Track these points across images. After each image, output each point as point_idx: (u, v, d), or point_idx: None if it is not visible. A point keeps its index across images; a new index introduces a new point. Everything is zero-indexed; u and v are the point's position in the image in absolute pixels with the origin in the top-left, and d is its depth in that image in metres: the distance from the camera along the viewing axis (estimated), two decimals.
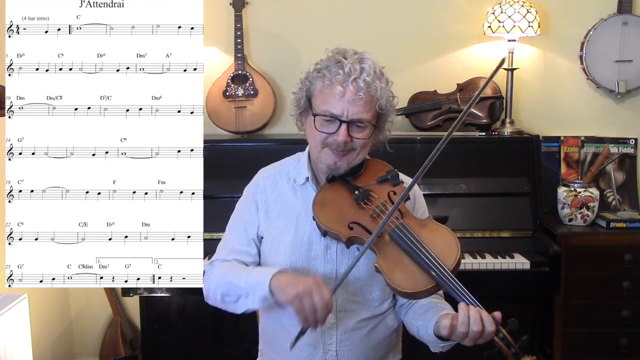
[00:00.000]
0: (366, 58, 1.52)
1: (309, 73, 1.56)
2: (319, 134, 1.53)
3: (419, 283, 1.41)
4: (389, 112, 1.57)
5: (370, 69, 1.49)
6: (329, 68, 1.50)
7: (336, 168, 1.56)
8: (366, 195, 1.55)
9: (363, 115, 1.50)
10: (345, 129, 1.50)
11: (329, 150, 1.54)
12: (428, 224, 1.52)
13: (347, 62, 1.49)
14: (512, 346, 1.35)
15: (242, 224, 1.65)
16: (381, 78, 1.52)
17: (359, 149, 1.54)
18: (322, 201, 1.56)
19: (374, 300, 1.61)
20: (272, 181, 1.67)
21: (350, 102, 1.48)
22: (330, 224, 1.52)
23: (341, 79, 1.48)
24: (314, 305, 1.36)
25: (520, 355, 1.34)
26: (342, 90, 1.48)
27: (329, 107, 1.50)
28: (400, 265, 1.44)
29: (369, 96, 1.50)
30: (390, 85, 1.57)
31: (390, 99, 1.56)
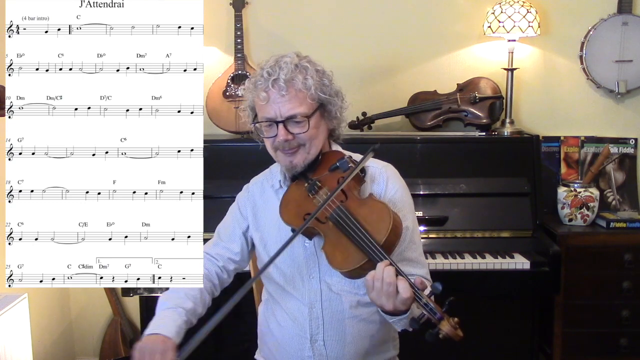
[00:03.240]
0: (283, 57, 1.57)
1: (244, 90, 1.63)
2: (267, 139, 1.60)
3: (353, 260, 1.45)
4: (328, 100, 1.59)
5: (288, 66, 1.53)
6: (254, 79, 1.57)
7: (293, 167, 1.60)
8: (314, 186, 1.59)
9: (294, 110, 1.54)
10: (283, 128, 1.55)
11: (281, 152, 1.60)
12: (367, 202, 1.54)
13: (265, 68, 1.55)
14: (437, 312, 1.34)
15: (230, 223, 1.75)
16: (305, 71, 1.55)
17: (307, 143, 1.58)
18: (286, 200, 1.63)
19: (357, 288, 1.62)
20: (260, 187, 1.75)
21: (276, 102, 1.54)
22: (290, 220, 1.58)
23: (263, 85, 1.54)
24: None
25: (446, 318, 1.33)
26: (266, 95, 1.54)
27: (264, 113, 1.56)
28: (339, 247, 1.49)
29: (294, 91, 1.53)
30: (330, 74, 1.61)
31: (324, 88, 1.58)
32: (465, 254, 2.53)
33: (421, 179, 2.64)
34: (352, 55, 2.98)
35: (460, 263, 2.47)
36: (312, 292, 1.62)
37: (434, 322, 1.34)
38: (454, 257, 2.51)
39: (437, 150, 2.75)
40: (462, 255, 2.52)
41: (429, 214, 2.61)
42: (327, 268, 1.58)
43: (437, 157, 2.73)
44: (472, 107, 2.91)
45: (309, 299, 1.62)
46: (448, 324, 1.33)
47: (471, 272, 2.46)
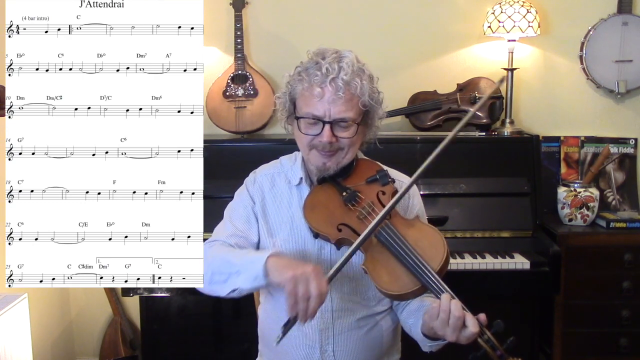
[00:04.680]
0: (344, 56, 1.52)
1: (290, 77, 1.56)
2: (305, 136, 1.54)
3: (405, 285, 1.41)
4: (375, 108, 1.57)
5: (349, 67, 1.49)
6: (308, 70, 1.51)
7: (325, 169, 1.56)
8: (354, 196, 1.54)
9: (345, 114, 1.50)
10: (329, 130, 1.50)
11: (316, 151, 1.55)
12: (415, 224, 1.52)
13: (324, 63, 1.49)
14: (498, 348, 1.34)
15: (243, 210, 1.65)
16: (362, 75, 1.51)
17: (346, 148, 1.54)
18: (312, 203, 1.57)
19: (370, 299, 1.61)
20: (270, 180, 1.67)
21: (330, 102, 1.48)
22: (319, 225, 1.53)
23: (319, 80, 1.48)
24: (308, 291, 1.33)
25: (506, 357, 1.34)
26: (321, 91, 1.48)
27: (310, 109, 1.51)
28: (386, 267, 1.44)
29: (349, 94, 1.49)
30: (377, 81, 1.57)
31: (374, 95, 1.55)
32: (465, 254, 2.53)
33: (421, 179, 2.62)
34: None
35: (460, 263, 2.47)
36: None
37: (492, 359, 1.34)
38: (454, 257, 2.51)
39: None
40: (462, 255, 2.52)
41: (429, 214, 2.58)
42: (339, 277, 1.52)
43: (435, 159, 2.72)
44: (472, 107, 2.91)
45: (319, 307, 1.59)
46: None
47: (471, 272, 2.46)
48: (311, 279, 1.33)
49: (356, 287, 1.60)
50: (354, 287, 1.60)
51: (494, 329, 1.37)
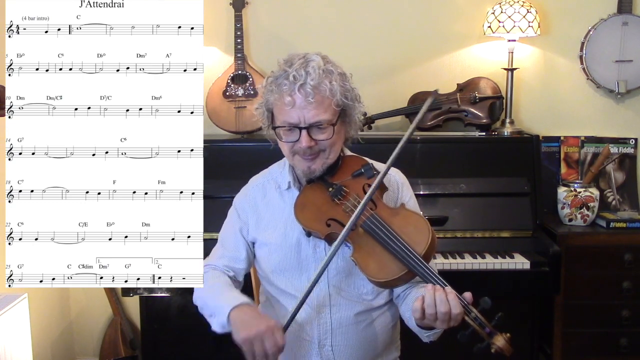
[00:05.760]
0: (310, 60, 1.52)
1: (263, 87, 1.58)
2: (286, 144, 1.56)
3: (391, 271, 1.44)
4: (350, 105, 1.57)
5: (315, 72, 1.49)
6: (277, 80, 1.52)
7: (311, 172, 1.58)
8: (340, 191, 1.57)
9: (319, 117, 1.51)
10: (307, 135, 1.51)
11: (299, 157, 1.57)
12: (400, 212, 1.54)
13: (291, 71, 1.50)
14: (486, 325, 1.35)
15: (232, 230, 1.71)
16: (330, 76, 1.51)
17: (327, 149, 1.56)
18: (302, 203, 1.60)
19: (366, 294, 1.63)
20: (261, 189, 1.71)
21: (302, 108, 1.50)
22: (309, 223, 1.56)
23: (288, 89, 1.49)
24: (264, 350, 1.40)
25: (494, 333, 1.35)
26: (291, 99, 1.50)
27: (285, 117, 1.53)
28: (373, 256, 1.47)
29: (320, 97, 1.50)
30: (350, 78, 1.57)
31: (347, 93, 1.55)
32: (465, 254, 2.53)
33: (421, 179, 2.64)
34: (352, 55, 2.98)
35: (460, 263, 2.47)
36: (320, 296, 1.61)
37: (482, 337, 1.35)
38: (454, 257, 2.51)
39: (437, 150, 2.75)
40: (462, 255, 2.52)
41: (429, 214, 2.61)
42: (335, 272, 1.58)
43: (437, 157, 2.73)
44: (472, 107, 2.90)
45: (317, 302, 1.61)
46: (502, 339, 1.33)
47: (471, 272, 2.46)
48: (266, 338, 1.40)
49: (353, 282, 1.62)
50: (351, 282, 1.62)
51: (481, 307, 1.38)
